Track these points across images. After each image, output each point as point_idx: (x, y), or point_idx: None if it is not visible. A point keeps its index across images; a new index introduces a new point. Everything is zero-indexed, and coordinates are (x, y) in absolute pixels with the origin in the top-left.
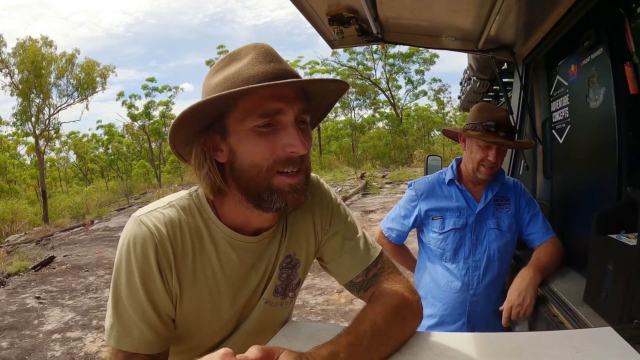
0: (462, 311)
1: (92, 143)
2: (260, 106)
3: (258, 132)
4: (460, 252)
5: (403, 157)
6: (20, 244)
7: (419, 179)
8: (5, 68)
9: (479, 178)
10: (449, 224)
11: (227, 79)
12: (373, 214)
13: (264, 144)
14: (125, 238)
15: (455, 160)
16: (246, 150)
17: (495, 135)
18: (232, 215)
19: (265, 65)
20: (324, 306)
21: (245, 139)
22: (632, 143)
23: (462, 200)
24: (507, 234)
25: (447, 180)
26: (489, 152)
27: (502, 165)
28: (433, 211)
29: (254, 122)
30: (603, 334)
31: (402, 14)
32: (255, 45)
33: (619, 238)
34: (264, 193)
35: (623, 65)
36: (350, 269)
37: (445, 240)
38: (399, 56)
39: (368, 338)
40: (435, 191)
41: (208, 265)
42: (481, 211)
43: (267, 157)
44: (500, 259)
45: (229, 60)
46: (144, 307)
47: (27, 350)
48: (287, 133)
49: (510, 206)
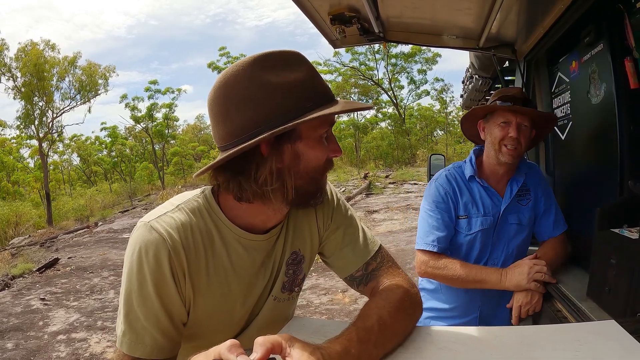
0: (475, 307)
1: (96, 145)
2: (329, 117)
3: (323, 137)
4: (484, 253)
5: (406, 157)
6: (25, 247)
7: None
8: (8, 72)
9: (503, 162)
10: (475, 224)
11: (296, 86)
12: (377, 213)
13: (325, 149)
14: (136, 245)
15: (473, 151)
16: (314, 154)
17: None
18: (245, 215)
19: (322, 80)
20: (328, 306)
21: (317, 144)
22: (633, 137)
23: (486, 197)
24: (526, 229)
25: (468, 176)
26: (509, 129)
27: None
28: (460, 209)
29: (324, 129)
30: (606, 327)
31: (403, 13)
32: (298, 54)
33: (622, 232)
34: (318, 191)
35: (623, 61)
36: (350, 263)
37: (473, 242)
38: (401, 56)
39: (375, 334)
40: (459, 186)
41: (220, 266)
42: (506, 208)
43: (325, 160)
44: (517, 255)
45: (280, 63)
46: (157, 315)
47: (32, 351)
48: (333, 141)
49: (531, 197)
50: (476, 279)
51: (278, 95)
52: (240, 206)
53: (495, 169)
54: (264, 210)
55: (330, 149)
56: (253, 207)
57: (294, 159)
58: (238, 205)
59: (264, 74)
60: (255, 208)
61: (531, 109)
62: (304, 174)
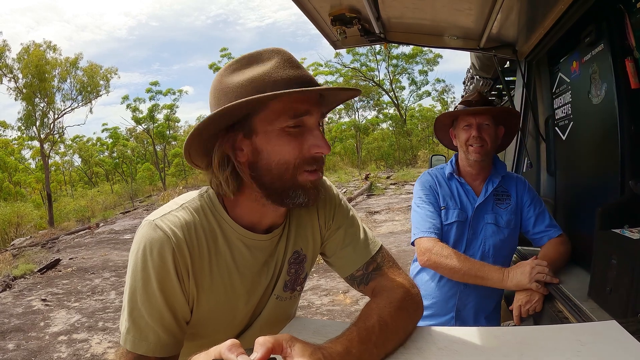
0: (452, 305)
1: (97, 147)
2: (291, 108)
3: (288, 132)
4: (458, 246)
5: (407, 158)
6: (26, 247)
7: (422, 175)
8: (9, 73)
9: (474, 162)
10: (452, 215)
11: (254, 80)
12: (378, 214)
13: (294, 143)
14: (141, 243)
15: (455, 155)
16: (275, 149)
17: None
18: (246, 214)
19: (294, 70)
20: (330, 307)
21: (275, 139)
22: (634, 137)
23: (462, 193)
24: (504, 230)
25: (447, 174)
26: (472, 131)
27: (505, 162)
28: (440, 200)
29: (285, 123)
30: (607, 328)
31: (404, 14)
32: (276, 49)
33: (623, 232)
34: (289, 189)
35: (624, 61)
36: (351, 263)
37: (448, 232)
38: (402, 57)
39: (376, 334)
40: (440, 182)
41: (224, 265)
42: (480, 205)
43: (295, 156)
44: (495, 255)
45: (248, 62)
46: (161, 312)
47: (33, 352)
48: (313, 135)
49: (511, 202)
50: (478, 275)
51: (236, 92)
52: (242, 205)
53: (469, 170)
54: (262, 209)
55: (309, 144)
56: (253, 206)
57: (255, 155)
58: (241, 204)
59: (228, 77)
60: (255, 207)
61: (486, 107)
62: (266, 170)
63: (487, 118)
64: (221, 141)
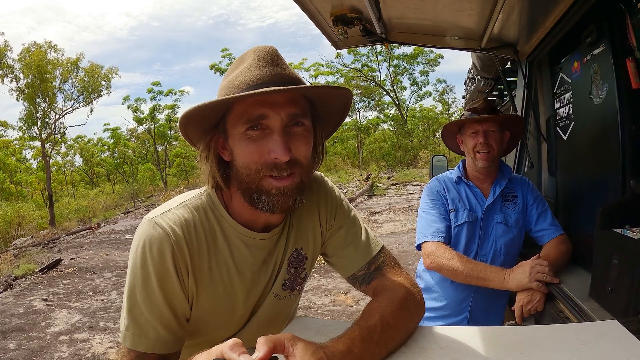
0: (466, 305)
1: (98, 147)
2: (247, 112)
3: (248, 136)
4: (470, 246)
5: (408, 158)
6: (27, 247)
7: (430, 181)
8: (11, 73)
9: (481, 168)
10: (462, 216)
11: (228, 83)
12: (379, 215)
13: (252, 147)
14: (140, 240)
15: (462, 161)
16: (239, 153)
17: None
18: (241, 212)
19: (257, 71)
20: (331, 307)
21: (238, 142)
22: (635, 137)
23: (471, 195)
24: (513, 229)
25: (455, 178)
26: (478, 138)
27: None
28: (449, 203)
29: (243, 127)
30: (609, 327)
31: (405, 14)
32: (256, 48)
33: (624, 232)
34: (254, 194)
35: (625, 61)
36: (352, 262)
37: (459, 234)
38: (404, 57)
39: (378, 333)
40: (448, 186)
41: (223, 263)
42: (489, 206)
43: (255, 161)
44: (506, 254)
45: (236, 63)
46: (161, 308)
47: (34, 352)
48: (272, 139)
49: (518, 202)
50: (480, 276)
51: (220, 95)
52: (236, 203)
53: (476, 174)
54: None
55: (268, 149)
56: (244, 204)
57: (231, 156)
58: (240, 203)
59: (223, 79)
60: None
61: (492, 115)
62: (237, 172)
63: (493, 125)
64: (205, 138)
